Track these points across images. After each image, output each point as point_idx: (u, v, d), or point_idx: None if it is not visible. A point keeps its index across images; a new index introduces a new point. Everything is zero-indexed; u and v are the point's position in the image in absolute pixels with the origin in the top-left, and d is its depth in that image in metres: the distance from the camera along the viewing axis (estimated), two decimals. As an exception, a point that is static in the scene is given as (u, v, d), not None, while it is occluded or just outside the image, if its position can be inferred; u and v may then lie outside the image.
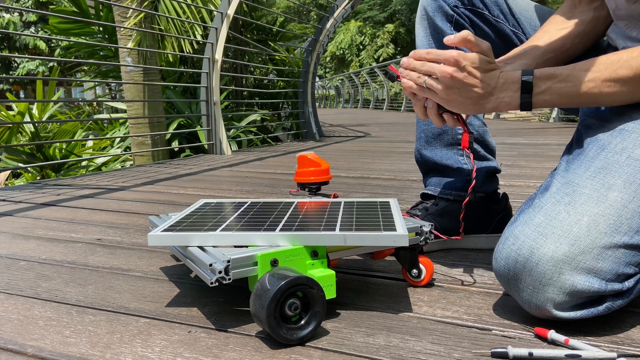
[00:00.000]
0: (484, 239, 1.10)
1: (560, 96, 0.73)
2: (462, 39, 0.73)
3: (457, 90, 0.73)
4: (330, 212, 0.88)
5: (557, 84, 0.72)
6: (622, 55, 0.70)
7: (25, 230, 1.32)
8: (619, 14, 0.82)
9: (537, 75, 0.73)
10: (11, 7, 2.07)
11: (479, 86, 0.73)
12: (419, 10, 1.09)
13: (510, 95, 0.74)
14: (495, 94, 0.74)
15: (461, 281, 0.90)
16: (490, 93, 0.74)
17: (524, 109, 0.75)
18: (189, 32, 4.40)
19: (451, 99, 0.74)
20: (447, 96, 0.74)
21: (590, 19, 0.89)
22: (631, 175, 0.68)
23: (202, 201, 1.02)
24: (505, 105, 0.75)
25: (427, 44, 1.06)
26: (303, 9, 21.29)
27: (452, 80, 0.72)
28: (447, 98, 0.74)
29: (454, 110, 0.77)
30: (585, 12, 0.90)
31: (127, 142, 4.38)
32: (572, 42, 0.90)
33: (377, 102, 14.22)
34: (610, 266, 0.65)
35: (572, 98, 0.73)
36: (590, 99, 0.72)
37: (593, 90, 0.71)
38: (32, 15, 18.26)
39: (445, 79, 0.73)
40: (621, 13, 0.81)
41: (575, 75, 0.72)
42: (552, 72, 0.73)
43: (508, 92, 0.74)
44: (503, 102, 0.74)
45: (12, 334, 0.71)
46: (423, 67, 0.75)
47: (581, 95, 0.72)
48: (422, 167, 1.15)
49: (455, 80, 0.72)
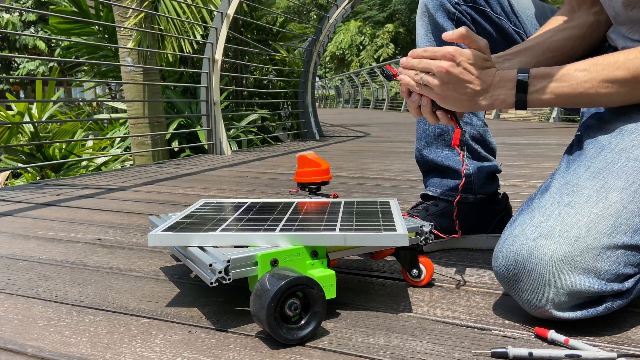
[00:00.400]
0: (484, 239, 1.10)
1: (556, 96, 0.73)
2: (460, 35, 0.73)
3: (453, 86, 0.73)
4: (330, 212, 0.88)
5: (553, 84, 0.72)
6: (619, 57, 0.70)
7: (25, 230, 1.32)
8: (619, 20, 0.82)
9: (533, 74, 0.73)
10: (11, 7, 2.07)
11: (474, 82, 0.73)
12: (419, 7, 1.08)
13: (505, 93, 0.74)
14: (490, 91, 0.74)
15: (461, 281, 0.90)
16: (486, 90, 0.74)
17: (518, 107, 0.75)
18: (189, 32, 4.40)
19: (446, 95, 0.74)
20: (442, 92, 0.74)
21: (591, 23, 0.89)
22: (631, 176, 0.68)
23: (202, 201, 1.02)
24: (500, 103, 0.75)
25: (427, 41, 1.06)
26: (303, 9, 21.29)
27: (447, 76, 0.72)
28: (442, 94, 0.74)
29: (449, 107, 0.77)
30: (585, 16, 0.90)
31: (127, 142, 4.38)
32: (573, 45, 0.90)
33: (377, 102, 14.22)
34: (609, 266, 0.65)
35: (568, 98, 0.73)
36: (587, 100, 0.72)
37: (589, 91, 0.71)
38: (31, 15, 18.26)
39: (441, 74, 0.73)
40: (621, 19, 0.81)
41: (571, 75, 0.72)
42: (548, 72, 0.73)
43: (503, 90, 0.74)
44: (498, 99, 0.74)
45: (12, 334, 0.71)
46: (420, 64, 0.76)
47: (577, 96, 0.72)
48: (423, 167, 1.15)
49: (451, 75, 0.72)
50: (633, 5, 0.77)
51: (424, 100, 0.79)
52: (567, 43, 0.89)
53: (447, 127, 1.09)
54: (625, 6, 0.78)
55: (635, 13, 0.77)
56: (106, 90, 8.18)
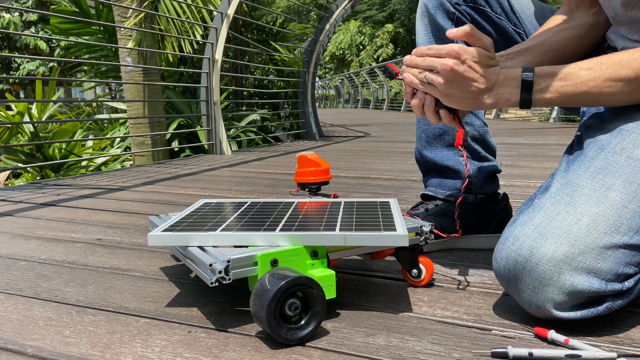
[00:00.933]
0: (484, 239, 1.10)
1: (560, 95, 0.73)
2: (465, 32, 0.73)
3: (457, 84, 0.73)
4: (330, 212, 0.88)
5: (558, 82, 0.72)
6: (623, 56, 0.70)
7: (25, 230, 1.32)
8: (618, 20, 0.82)
9: (538, 72, 0.73)
10: (11, 7, 2.07)
11: (479, 81, 0.73)
12: (419, 7, 1.07)
13: (510, 92, 0.74)
14: (495, 89, 0.74)
15: (461, 281, 0.90)
16: (490, 89, 0.74)
17: (523, 106, 0.75)
18: (189, 32, 4.40)
19: (450, 93, 0.74)
20: (446, 90, 0.74)
21: (590, 24, 0.89)
22: (631, 175, 0.68)
23: (202, 201, 1.02)
24: (504, 102, 0.75)
25: (427, 41, 1.06)
26: (303, 9, 21.29)
27: (452, 74, 0.72)
28: (446, 92, 0.74)
29: (453, 106, 0.76)
30: (584, 17, 0.90)
31: (127, 142, 4.38)
32: (574, 45, 0.90)
33: (377, 102, 14.22)
34: (610, 266, 0.65)
35: (572, 97, 0.72)
36: (591, 99, 0.72)
37: (593, 90, 0.71)
38: (32, 15, 18.26)
39: (445, 72, 0.72)
40: (621, 19, 0.81)
41: (575, 74, 0.72)
42: (553, 70, 0.73)
43: (508, 89, 0.74)
44: (502, 98, 0.74)
45: (12, 334, 0.71)
46: (424, 62, 0.75)
47: (581, 95, 0.72)
48: (423, 167, 1.15)
49: (455, 73, 0.72)
50: (632, 5, 0.77)
51: (428, 99, 0.78)
52: (568, 43, 0.89)
53: (447, 128, 1.09)
54: (625, 6, 0.78)
55: (634, 13, 0.77)
56: (106, 90, 8.18)
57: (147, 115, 3.79)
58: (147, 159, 3.80)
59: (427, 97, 0.78)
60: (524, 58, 0.87)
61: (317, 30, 4.54)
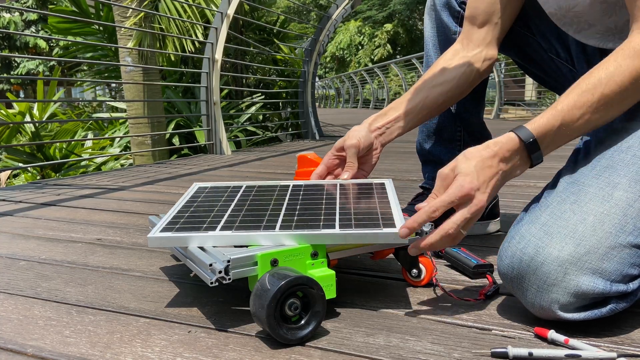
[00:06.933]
0: (477, 225, 1.18)
1: (563, 140, 0.72)
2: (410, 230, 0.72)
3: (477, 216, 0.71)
4: (327, 199, 0.87)
5: (558, 138, 0.71)
6: (599, 74, 0.69)
7: (25, 230, 1.32)
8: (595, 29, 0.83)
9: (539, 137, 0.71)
10: (11, 7, 2.07)
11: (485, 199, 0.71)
12: (428, 1, 1.11)
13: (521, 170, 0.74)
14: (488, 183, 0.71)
15: (461, 281, 0.90)
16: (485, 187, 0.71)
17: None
18: (189, 32, 4.40)
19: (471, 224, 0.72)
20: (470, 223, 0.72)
21: (465, 72, 0.96)
22: (637, 174, 0.68)
23: (196, 186, 1.01)
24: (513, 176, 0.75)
25: (433, 35, 1.10)
26: (303, 9, 21.29)
27: (481, 210, 0.71)
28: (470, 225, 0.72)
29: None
30: (458, 68, 0.96)
31: (124, 141, 4.38)
32: (446, 96, 0.97)
33: (377, 102, 14.23)
34: (615, 266, 0.65)
35: (574, 135, 0.72)
36: (592, 126, 0.72)
37: (591, 119, 0.70)
38: (32, 14, 18.26)
39: (479, 210, 0.70)
40: (597, 28, 0.82)
41: (569, 117, 0.70)
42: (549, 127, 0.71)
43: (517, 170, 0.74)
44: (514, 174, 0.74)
45: (12, 334, 0.71)
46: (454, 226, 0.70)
47: (582, 129, 0.71)
48: (422, 157, 1.23)
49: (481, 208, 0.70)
50: (610, 13, 0.78)
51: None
52: (440, 97, 0.97)
53: (445, 124, 1.15)
54: (605, 13, 0.78)
55: (612, 20, 0.78)
56: (106, 90, 8.18)
57: (147, 115, 3.79)
58: (147, 159, 3.80)
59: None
60: (401, 124, 0.96)
61: (317, 30, 4.54)
